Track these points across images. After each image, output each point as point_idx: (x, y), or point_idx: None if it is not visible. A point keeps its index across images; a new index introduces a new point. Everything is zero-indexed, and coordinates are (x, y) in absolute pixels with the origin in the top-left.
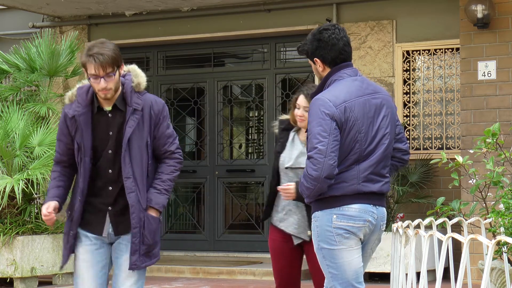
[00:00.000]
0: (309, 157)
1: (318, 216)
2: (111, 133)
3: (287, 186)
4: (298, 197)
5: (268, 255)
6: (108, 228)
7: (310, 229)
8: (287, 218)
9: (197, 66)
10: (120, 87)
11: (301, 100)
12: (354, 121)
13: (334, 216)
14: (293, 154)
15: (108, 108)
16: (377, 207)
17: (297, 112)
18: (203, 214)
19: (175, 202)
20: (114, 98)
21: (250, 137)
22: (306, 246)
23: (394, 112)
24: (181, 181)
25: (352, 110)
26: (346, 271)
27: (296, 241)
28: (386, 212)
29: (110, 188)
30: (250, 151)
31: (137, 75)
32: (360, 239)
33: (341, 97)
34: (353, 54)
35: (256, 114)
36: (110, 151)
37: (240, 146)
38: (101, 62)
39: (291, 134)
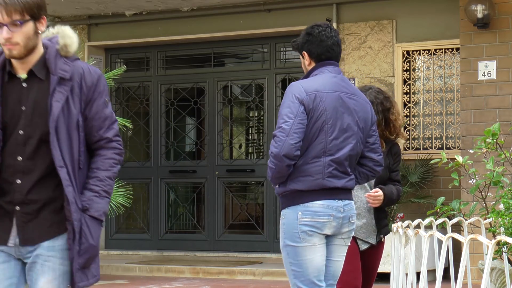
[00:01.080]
0: (273, 136)
1: (285, 214)
2: (24, 108)
3: (376, 192)
4: (385, 203)
5: (268, 255)
6: (15, 235)
7: (379, 233)
8: (356, 223)
9: (197, 66)
10: (42, 50)
11: None
12: (322, 111)
13: (300, 213)
14: None
15: (23, 75)
16: (343, 200)
17: None
18: (203, 214)
19: (175, 202)
20: (30, 61)
21: (250, 137)
22: (367, 250)
23: (370, 119)
24: (181, 181)
25: (322, 100)
26: (308, 269)
27: (362, 246)
28: (353, 204)
29: (19, 181)
30: (250, 151)
31: (64, 35)
32: (327, 234)
33: (314, 86)
34: (353, 54)
35: (256, 114)
36: (21, 132)
37: (240, 146)
38: (7, 4)
39: None
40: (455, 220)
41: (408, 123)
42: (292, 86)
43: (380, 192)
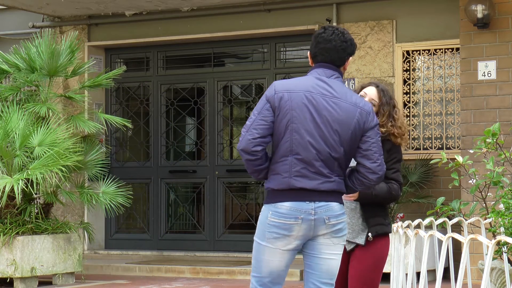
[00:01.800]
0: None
1: (262, 210)
2: None
3: None
4: (361, 197)
5: None
6: None
7: (367, 232)
8: None
9: (197, 66)
10: None
11: (372, 91)
12: (288, 110)
13: (270, 213)
14: None
15: None
16: (316, 202)
17: None
18: (203, 214)
19: (175, 202)
20: None
21: None
22: (355, 251)
23: (356, 124)
24: (181, 181)
25: (290, 99)
26: (262, 268)
27: (349, 247)
28: (333, 206)
29: None
30: None
31: None
32: (299, 236)
33: (287, 86)
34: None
35: None
36: None
37: None
38: None
39: None
40: (455, 220)
41: (408, 123)
42: (270, 86)
43: None
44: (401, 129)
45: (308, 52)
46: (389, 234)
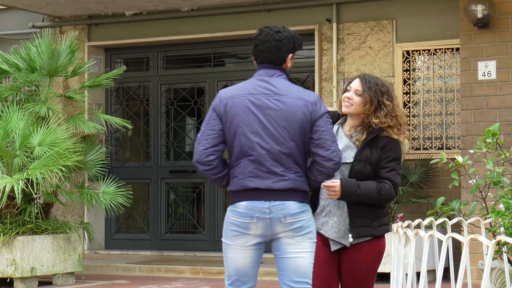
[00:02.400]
0: None
1: (227, 211)
2: None
3: (332, 183)
4: (343, 196)
5: (268, 255)
6: None
7: (351, 233)
8: (327, 221)
9: (197, 66)
10: None
11: (355, 83)
12: (234, 116)
13: (230, 213)
14: None
15: None
16: (271, 201)
17: (346, 94)
18: (203, 214)
19: (175, 202)
20: None
21: None
22: (344, 253)
23: (302, 117)
24: (181, 181)
25: (234, 105)
26: (229, 266)
27: (334, 247)
28: (289, 204)
29: None
30: None
31: None
32: (257, 234)
33: (230, 92)
34: (353, 54)
35: None
36: None
37: None
38: None
39: (335, 126)
40: (455, 220)
41: (408, 123)
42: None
43: (336, 183)
44: (397, 119)
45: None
46: (380, 236)
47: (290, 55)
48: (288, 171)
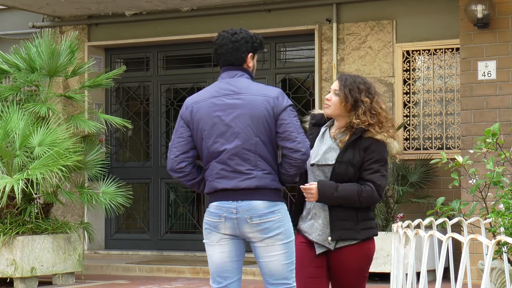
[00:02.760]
0: None
1: None
2: None
3: (310, 185)
4: (321, 199)
5: None
6: None
7: (331, 236)
8: (312, 224)
9: (197, 66)
10: None
11: (334, 83)
12: (199, 120)
13: (206, 213)
14: (320, 149)
15: None
16: (238, 202)
17: (327, 95)
18: (203, 214)
19: (175, 202)
20: None
21: None
22: (330, 256)
23: (265, 112)
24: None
25: (198, 110)
26: (210, 264)
27: (319, 250)
28: (256, 204)
29: None
30: None
31: None
32: (227, 234)
33: (194, 98)
34: (353, 54)
35: None
36: None
37: None
38: None
39: (322, 129)
40: (455, 220)
41: (408, 123)
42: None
43: (313, 186)
44: (378, 117)
45: None
46: (366, 239)
47: (250, 54)
48: (255, 168)
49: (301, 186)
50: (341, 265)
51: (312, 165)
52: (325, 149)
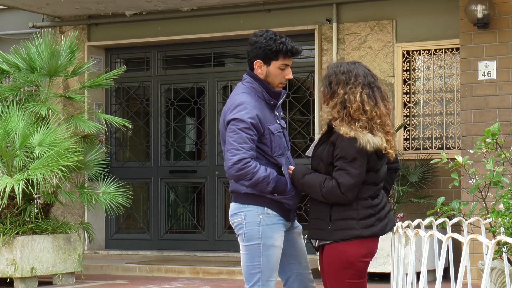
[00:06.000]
0: None
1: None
2: None
3: (290, 168)
4: (292, 181)
5: None
6: None
7: (307, 234)
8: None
9: (197, 66)
10: None
11: None
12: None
13: None
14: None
15: None
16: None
17: None
18: (203, 214)
19: (175, 202)
20: None
21: None
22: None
23: (223, 125)
24: (181, 181)
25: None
26: None
27: (313, 243)
28: (231, 206)
29: None
30: None
31: None
32: None
33: None
34: (353, 54)
35: None
36: None
37: None
38: None
39: None
40: (455, 220)
41: (408, 123)
42: None
43: (292, 168)
44: (348, 110)
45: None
46: (341, 241)
47: (257, 61)
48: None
49: (289, 166)
50: (321, 265)
51: (308, 157)
52: (315, 142)
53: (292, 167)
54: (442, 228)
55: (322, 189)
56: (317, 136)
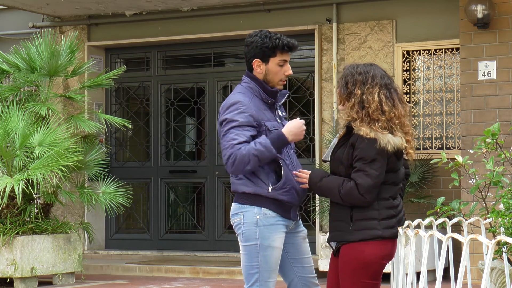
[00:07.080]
0: None
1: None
2: None
3: (302, 172)
4: (309, 186)
5: None
6: None
7: (328, 236)
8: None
9: (197, 66)
10: None
11: None
12: None
13: None
14: (332, 146)
15: None
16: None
17: None
18: (203, 214)
19: (175, 202)
20: None
21: None
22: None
23: (219, 125)
24: (181, 181)
25: None
26: None
27: (333, 246)
28: (232, 205)
29: None
30: None
31: None
32: None
33: None
34: (353, 54)
35: None
36: None
37: None
38: None
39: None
40: (455, 220)
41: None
42: None
43: (305, 174)
44: (367, 110)
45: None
46: (360, 241)
47: (256, 60)
48: (233, 176)
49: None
50: (339, 267)
51: (325, 161)
52: (332, 146)
53: (305, 171)
54: (442, 228)
55: (341, 191)
56: (334, 139)
